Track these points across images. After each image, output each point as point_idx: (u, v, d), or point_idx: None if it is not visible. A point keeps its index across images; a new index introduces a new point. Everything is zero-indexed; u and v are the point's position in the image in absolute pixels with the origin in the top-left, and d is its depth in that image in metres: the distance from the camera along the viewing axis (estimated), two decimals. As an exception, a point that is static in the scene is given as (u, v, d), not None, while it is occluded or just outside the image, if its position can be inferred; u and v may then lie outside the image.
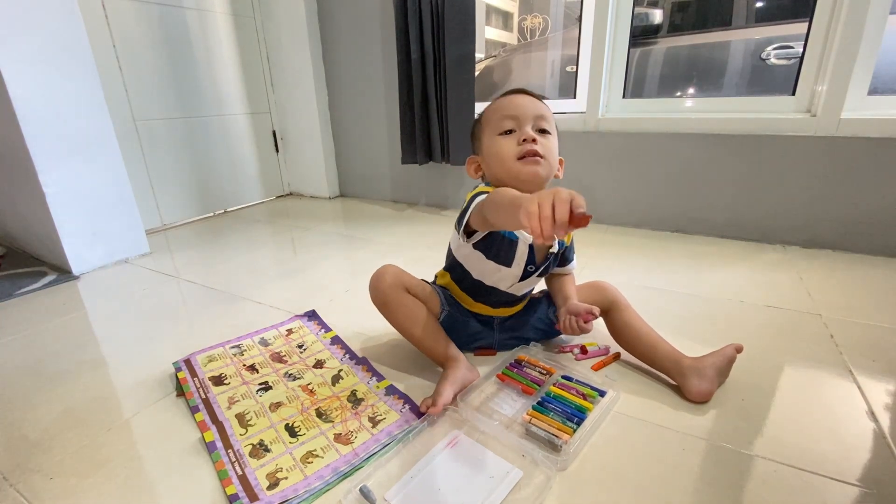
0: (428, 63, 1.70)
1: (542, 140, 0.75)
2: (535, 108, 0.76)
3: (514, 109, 0.76)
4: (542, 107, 0.77)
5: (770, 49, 1.69)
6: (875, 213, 1.31)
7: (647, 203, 1.62)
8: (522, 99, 0.77)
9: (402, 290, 0.80)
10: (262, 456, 0.65)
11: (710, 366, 0.74)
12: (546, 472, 0.61)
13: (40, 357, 0.95)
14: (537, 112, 0.75)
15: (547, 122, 0.76)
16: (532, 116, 0.75)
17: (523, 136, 0.74)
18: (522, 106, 0.75)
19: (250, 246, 1.63)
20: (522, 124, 0.75)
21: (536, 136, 0.74)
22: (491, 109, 0.79)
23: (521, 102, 0.76)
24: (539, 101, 0.77)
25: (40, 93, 1.24)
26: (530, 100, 0.77)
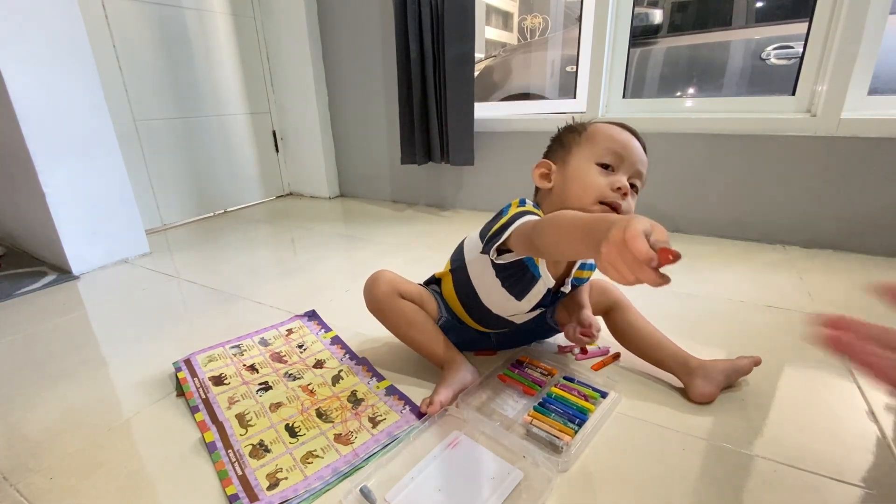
0: (427, 63, 1.70)
1: (629, 199, 0.69)
2: (642, 161, 0.70)
3: (624, 149, 0.69)
4: (646, 161, 0.72)
5: (770, 49, 1.69)
6: (875, 213, 1.31)
7: (647, 203, 1.61)
8: (636, 143, 0.71)
9: (396, 295, 0.79)
10: (262, 456, 0.65)
11: (720, 371, 0.74)
12: (547, 473, 0.61)
13: (40, 357, 0.95)
14: (641, 167, 0.70)
15: (642, 180, 0.72)
16: (635, 165, 0.69)
17: (618, 183, 0.67)
18: (634, 150, 0.70)
19: (250, 246, 1.63)
20: (623, 170, 0.69)
21: (630, 194, 0.68)
22: (600, 130, 0.71)
23: (634, 146, 0.70)
24: (644, 156, 0.72)
25: (40, 93, 1.24)
26: (641, 150, 0.71)
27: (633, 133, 0.72)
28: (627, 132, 0.72)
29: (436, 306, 0.84)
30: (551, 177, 0.73)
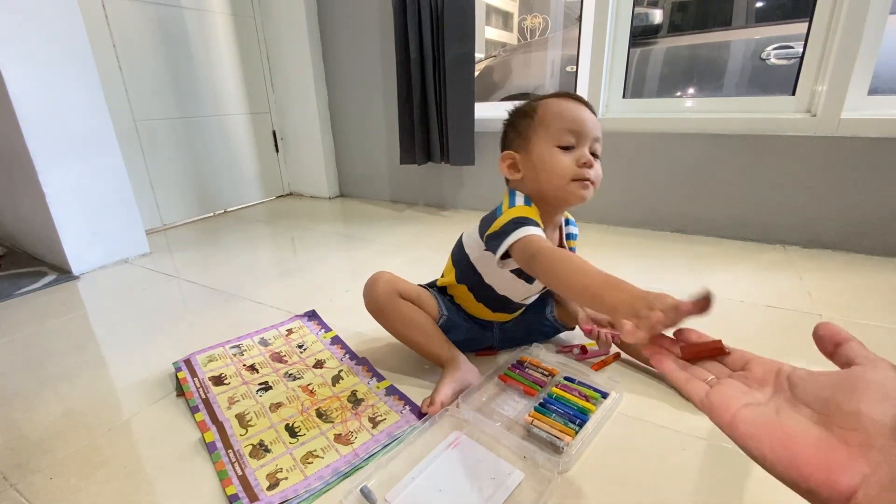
0: (427, 63, 1.70)
1: (595, 165, 0.73)
2: (596, 128, 0.73)
3: (578, 125, 0.71)
4: (599, 127, 0.74)
5: (770, 49, 1.69)
6: (875, 213, 1.31)
7: (647, 203, 1.62)
8: (586, 113, 0.73)
9: (395, 296, 0.80)
10: (262, 456, 0.65)
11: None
12: (547, 473, 0.61)
13: (40, 357, 0.95)
14: (597, 134, 0.73)
15: (600, 144, 0.74)
16: (592, 137, 0.72)
17: (583, 158, 0.71)
18: (587, 122, 0.72)
19: (250, 246, 1.63)
20: (582, 143, 0.72)
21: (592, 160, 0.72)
22: (551, 114, 0.72)
23: (586, 117, 0.72)
24: (597, 121, 0.74)
25: (40, 93, 1.24)
26: (592, 118, 0.73)
27: (580, 101, 0.74)
28: (574, 103, 0.74)
29: (436, 306, 0.84)
30: (518, 166, 0.76)
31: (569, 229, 0.84)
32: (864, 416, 0.25)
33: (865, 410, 0.25)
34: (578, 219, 1.71)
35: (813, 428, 0.27)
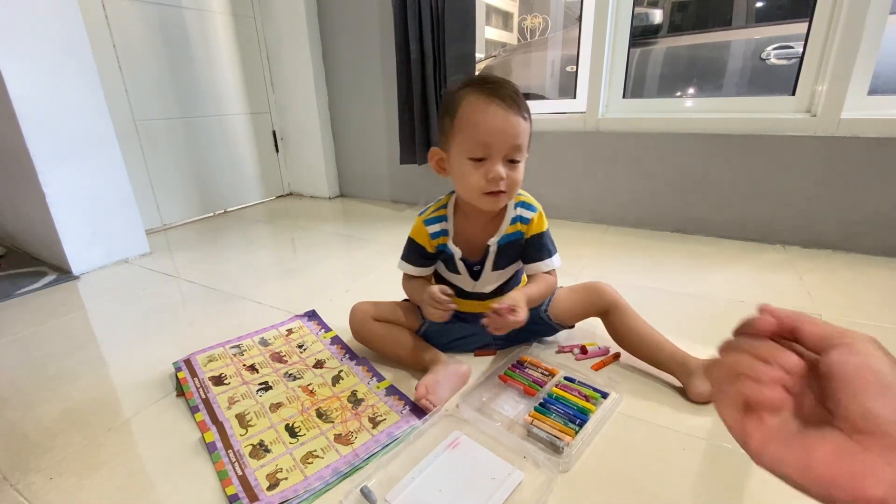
0: (427, 63, 1.70)
1: (511, 173, 0.71)
2: (512, 137, 0.69)
3: (491, 137, 0.69)
4: (520, 133, 0.70)
5: (770, 49, 1.69)
6: (875, 213, 1.31)
7: (647, 203, 1.62)
8: (503, 121, 0.68)
9: (370, 322, 0.87)
10: (262, 456, 0.65)
11: None
12: (548, 473, 0.61)
13: (40, 357, 0.95)
14: (514, 141, 0.70)
15: (521, 151, 0.71)
16: (506, 148, 0.70)
17: (491, 174, 0.70)
18: (500, 132, 0.69)
19: (250, 246, 1.63)
20: (494, 156, 0.70)
21: (506, 170, 0.70)
22: (466, 122, 0.70)
23: (500, 127, 0.68)
24: (519, 122, 0.70)
25: (40, 93, 1.24)
26: (508, 121, 0.69)
27: (500, 102, 0.69)
28: (494, 107, 0.69)
29: (415, 316, 0.88)
30: (444, 166, 0.79)
31: (520, 212, 0.80)
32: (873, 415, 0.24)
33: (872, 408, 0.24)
34: (579, 218, 1.73)
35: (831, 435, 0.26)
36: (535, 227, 0.80)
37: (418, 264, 0.85)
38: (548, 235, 0.82)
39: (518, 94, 0.70)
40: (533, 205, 0.81)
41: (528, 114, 0.72)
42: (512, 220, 0.80)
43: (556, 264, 0.82)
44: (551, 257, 0.82)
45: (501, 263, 0.83)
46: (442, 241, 0.83)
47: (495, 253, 0.81)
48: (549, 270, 0.82)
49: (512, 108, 0.69)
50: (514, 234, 0.80)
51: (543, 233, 0.81)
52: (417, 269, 0.85)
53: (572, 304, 0.87)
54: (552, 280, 0.83)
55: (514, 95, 0.70)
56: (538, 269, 0.82)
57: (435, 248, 0.83)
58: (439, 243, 0.83)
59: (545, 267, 0.82)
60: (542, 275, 0.82)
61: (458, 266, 0.83)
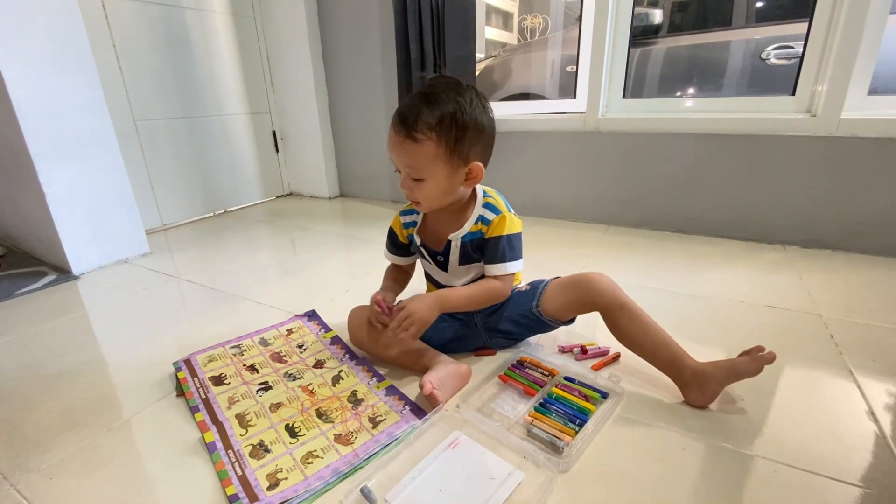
0: (428, 63, 1.70)
1: (415, 187, 0.77)
2: (402, 157, 0.75)
3: (391, 152, 0.77)
4: (408, 152, 0.74)
5: (770, 49, 1.68)
6: (875, 213, 1.31)
7: (647, 203, 1.62)
8: (394, 144, 0.76)
9: (367, 325, 0.86)
10: (262, 456, 0.65)
11: (716, 380, 0.71)
12: (548, 473, 0.61)
13: (40, 357, 0.95)
14: (404, 162, 0.76)
15: (415, 169, 0.75)
16: (402, 166, 0.77)
17: (401, 184, 0.78)
18: (394, 153, 0.77)
19: (250, 246, 1.63)
20: (401, 169, 0.77)
21: (410, 184, 0.77)
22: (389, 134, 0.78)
23: (393, 149, 0.76)
24: (406, 143, 0.73)
25: (40, 93, 1.24)
26: (398, 143, 0.75)
27: (395, 125, 0.75)
28: (391, 130, 0.76)
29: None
30: None
31: (482, 212, 0.82)
32: None
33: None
34: (579, 218, 1.73)
35: None
36: (494, 230, 0.81)
37: (393, 252, 0.95)
38: (507, 240, 0.80)
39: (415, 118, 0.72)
40: (498, 207, 0.82)
41: (427, 135, 0.72)
42: (476, 219, 0.83)
43: (507, 270, 0.81)
44: (503, 262, 0.81)
45: (468, 259, 0.84)
46: (411, 232, 0.90)
47: (459, 248, 0.83)
48: (498, 275, 0.81)
49: (401, 132, 0.74)
50: (477, 234, 0.82)
51: (501, 237, 0.80)
52: (393, 256, 0.95)
53: (563, 299, 0.83)
54: (494, 286, 0.82)
55: (408, 122, 0.73)
56: (489, 271, 0.82)
57: (406, 237, 0.91)
58: (409, 233, 0.90)
59: (495, 270, 0.81)
60: (488, 279, 0.83)
61: (424, 254, 0.89)
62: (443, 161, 0.74)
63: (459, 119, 0.73)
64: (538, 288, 0.86)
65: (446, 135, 0.73)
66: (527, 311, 0.85)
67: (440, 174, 0.75)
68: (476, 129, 0.75)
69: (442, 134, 0.73)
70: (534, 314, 0.85)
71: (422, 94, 0.74)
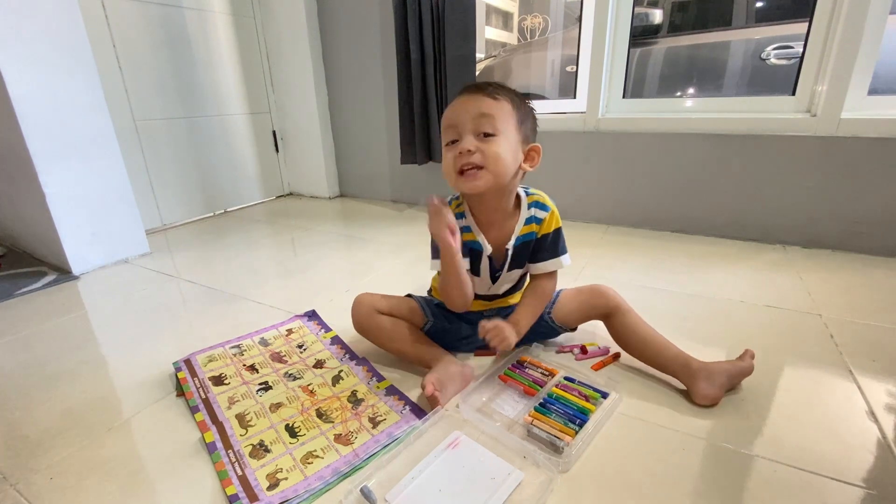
0: (428, 63, 1.70)
1: (483, 146, 0.69)
2: (474, 108, 0.70)
3: (453, 117, 0.72)
4: (485, 104, 0.70)
5: (770, 49, 1.68)
6: (875, 213, 1.31)
7: (647, 203, 1.62)
8: (464, 102, 0.71)
9: (374, 314, 0.85)
10: (262, 456, 0.65)
11: (722, 372, 0.73)
12: (548, 473, 0.61)
13: (40, 357, 0.95)
14: (477, 112, 0.70)
15: (490, 120, 0.69)
16: (471, 119, 0.70)
17: (459, 150, 0.70)
18: (461, 111, 0.71)
19: (250, 246, 1.63)
20: (462, 133, 0.71)
21: (476, 143, 0.70)
22: (444, 116, 0.75)
23: (461, 107, 0.71)
24: (484, 98, 0.71)
25: (40, 93, 1.24)
26: (472, 99, 0.71)
27: (469, 90, 0.73)
28: (463, 95, 0.73)
29: (421, 313, 0.87)
30: None
31: (533, 212, 0.80)
32: None
33: None
34: (579, 218, 1.73)
35: None
36: (547, 226, 0.80)
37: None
38: (560, 233, 0.82)
39: (491, 84, 0.72)
40: (546, 204, 0.81)
41: (505, 97, 0.72)
42: (527, 221, 0.80)
43: (565, 263, 0.82)
44: (561, 256, 0.82)
45: (516, 264, 0.82)
46: (469, 238, 0.80)
47: (511, 254, 0.80)
48: (551, 271, 0.82)
49: (477, 92, 0.72)
50: (529, 235, 0.80)
51: (558, 230, 0.81)
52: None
53: (576, 306, 0.87)
54: (548, 289, 0.83)
55: (484, 85, 0.72)
56: (544, 268, 0.82)
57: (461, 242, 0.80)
58: (466, 239, 0.80)
59: (551, 266, 0.81)
60: (537, 283, 0.83)
61: (480, 267, 0.81)
62: (514, 125, 0.72)
63: (524, 102, 0.75)
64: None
65: (518, 106, 0.73)
66: (539, 319, 0.86)
67: (511, 136, 0.72)
68: (533, 118, 0.77)
69: (516, 103, 0.73)
70: (545, 321, 0.87)
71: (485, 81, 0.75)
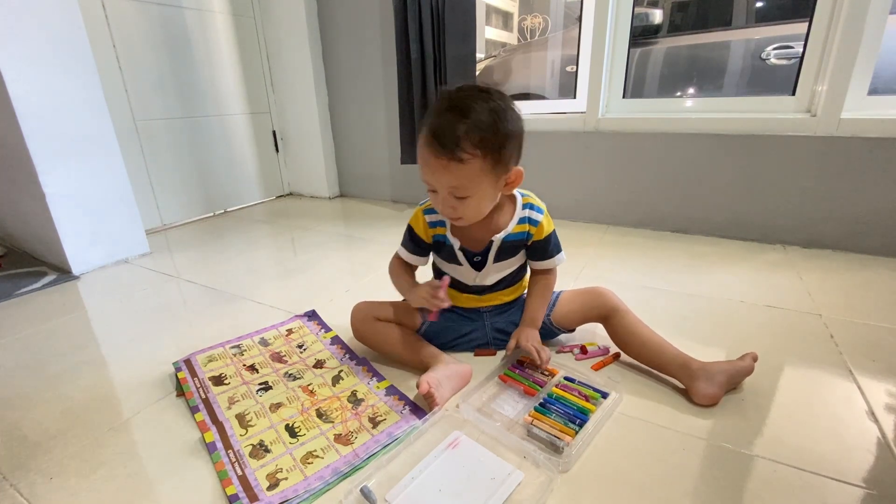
0: (428, 63, 1.70)
1: (460, 206, 0.72)
2: (444, 180, 0.70)
3: (426, 176, 0.72)
4: (453, 175, 0.69)
5: (770, 49, 1.68)
6: (875, 213, 1.31)
7: (647, 203, 1.62)
8: (432, 166, 0.69)
9: (371, 321, 0.88)
10: (262, 456, 0.65)
11: (722, 372, 0.74)
12: (548, 473, 0.61)
13: (40, 357, 0.95)
14: (447, 184, 0.70)
15: (462, 189, 0.70)
16: (443, 187, 0.71)
17: (438, 206, 0.74)
18: (430, 176, 0.71)
19: (250, 246, 1.63)
20: (438, 190, 0.72)
21: (453, 203, 0.72)
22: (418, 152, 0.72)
23: (431, 171, 0.70)
24: (451, 168, 0.68)
25: (40, 93, 1.24)
26: (438, 169, 0.69)
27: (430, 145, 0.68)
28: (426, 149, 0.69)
29: (416, 316, 0.89)
30: None
31: (528, 213, 0.82)
32: None
33: None
34: (579, 218, 1.73)
35: None
36: (543, 229, 0.82)
37: (412, 251, 0.87)
38: (554, 235, 0.84)
39: (458, 133, 0.66)
40: (539, 206, 0.83)
41: (473, 150, 0.67)
42: (520, 220, 0.81)
43: (562, 260, 0.86)
44: (557, 255, 0.85)
45: (503, 257, 0.83)
46: (440, 232, 0.83)
47: (498, 247, 0.82)
48: (551, 268, 0.86)
49: (443, 154, 0.67)
50: (521, 234, 0.82)
51: (553, 232, 0.84)
52: (411, 256, 0.87)
53: (575, 308, 0.88)
54: (550, 281, 0.87)
55: (449, 142, 0.66)
56: (543, 266, 0.86)
57: (431, 237, 0.85)
58: (437, 233, 0.84)
59: (549, 265, 0.85)
60: (540, 277, 0.87)
61: (458, 257, 0.83)
62: (488, 175, 0.70)
63: (500, 129, 0.68)
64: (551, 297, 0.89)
65: (490, 148, 0.68)
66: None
67: (486, 188, 0.72)
68: (515, 136, 0.71)
69: (487, 149, 0.68)
70: (545, 323, 0.89)
71: (453, 108, 0.68)
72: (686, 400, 0.74)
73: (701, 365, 0.75)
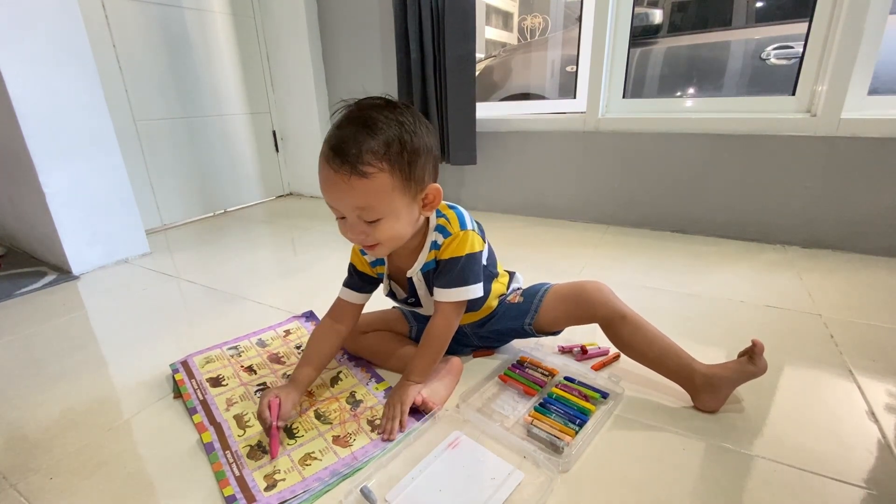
0: (428, 63, 1.70)
1: (371, 230, 0.64)
2: (349, 200, 0.62)
3: (330, 200, 0.64)
4: (358, 194, 0.61)
5: (770, 49, 1.68)
6: (875, 213, 1.31)
7: (647, 203, 1.61)
8: (333, 188, 0.62)
9: (360, 336, 0.87)
10: (259, 457, 0.65)
11: (728, 384, 0.70)
12: (548, 473, 0.61)
13: (40, 357, 0.95)
14: (353, 204, 0.62)
15: (371, 210, 0.62)
16: (350, 210, 0.63)
17: (349, 231, 0.65)
18: (335, 200, 0.64)
19: (250, 246, 1.63)
20: (346, 215, 0.64)
21: (363, 228, 0.64)
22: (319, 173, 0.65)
23: (333, 193, 0.63)
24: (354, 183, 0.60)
25: (40, 93, 1.24)
26: (344, 188, 0.61)
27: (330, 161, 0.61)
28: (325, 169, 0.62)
29: (405, 322, 0.89)
30: None
31: (435, 237, 0.73)
32: None
33: None
34: (579, 218, 1.73)
35: None
36: (445, 252, 0.71)
37: (358, 288, 0.80)
38: (470, 260, 0.71)
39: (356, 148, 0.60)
40: (448, 229, 0.71)
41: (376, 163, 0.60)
42: (432, 246, 0.73)
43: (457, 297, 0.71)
44: (453, 288, 0.71)
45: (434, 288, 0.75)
46: (381, 270, 0.79)
47: (423, 281, 0.76)
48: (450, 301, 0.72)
49: (343, 169, 0.60)
50: (432, 262, 0.74)
51: (455, 259, 0.71)
52: (355, 294, 0.79)
53: (558, 312, 0.81)
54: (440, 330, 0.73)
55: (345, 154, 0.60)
56: (438, 296, 0.73)
57: (376, 274, 0.80)
58: (380, 272, 0.79)
59: (441, 296, 0.72)
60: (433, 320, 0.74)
61: (397, 297, 0.82)
62: (399, 192, 0.63)
63: (408, 142, 0.62)
64: (532, 302, 0.82)
65: (398, 161, 0.61)
66: (518, 328, 0.83)
67: (399, 207, 0.64)
68: (426, 150, 0.65)
69: (394, 161, 0.61)
70: (525, 330, 0.83)
71: (355, 120, 0.62)
72: (687, 400, 0.74)
73: (704, 378, 0.70)
